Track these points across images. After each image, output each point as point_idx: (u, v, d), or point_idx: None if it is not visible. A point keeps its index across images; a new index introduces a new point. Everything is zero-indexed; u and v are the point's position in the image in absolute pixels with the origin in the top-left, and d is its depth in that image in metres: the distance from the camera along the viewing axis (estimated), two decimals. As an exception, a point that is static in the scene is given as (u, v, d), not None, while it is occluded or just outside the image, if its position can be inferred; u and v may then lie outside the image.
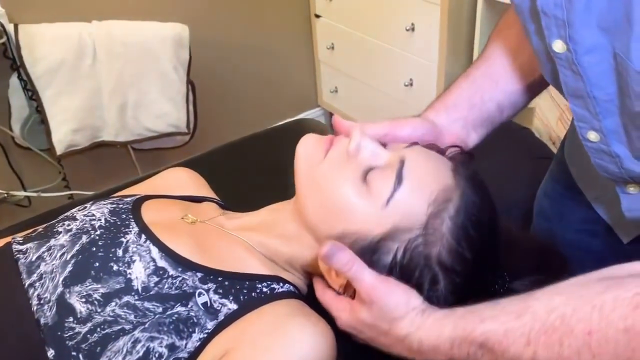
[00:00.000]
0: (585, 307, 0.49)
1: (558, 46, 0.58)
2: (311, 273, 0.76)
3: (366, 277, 0.63)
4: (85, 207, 0.78)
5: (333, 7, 2.18)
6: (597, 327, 0.47)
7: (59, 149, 1.70)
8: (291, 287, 0.74)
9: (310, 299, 0.75)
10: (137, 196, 0.82)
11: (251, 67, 2.25)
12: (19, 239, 0.75)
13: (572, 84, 0.60)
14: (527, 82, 0.78)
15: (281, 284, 0.73)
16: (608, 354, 0.46)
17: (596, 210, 0.85)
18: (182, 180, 0.93)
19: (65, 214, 0.78)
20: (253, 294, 0.70)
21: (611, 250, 0.83)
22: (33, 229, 0.78)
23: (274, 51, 2.29)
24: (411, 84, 1.98)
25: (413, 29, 1.87)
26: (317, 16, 2.27)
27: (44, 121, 1.67)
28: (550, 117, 1.62)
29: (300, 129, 1.43)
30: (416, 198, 0.65)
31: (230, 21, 2.10)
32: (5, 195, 1.83)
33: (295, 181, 0.73)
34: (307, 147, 0.72)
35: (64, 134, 1.68)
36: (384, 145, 0.71)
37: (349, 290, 0.68)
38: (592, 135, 0.63)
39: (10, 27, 1.57)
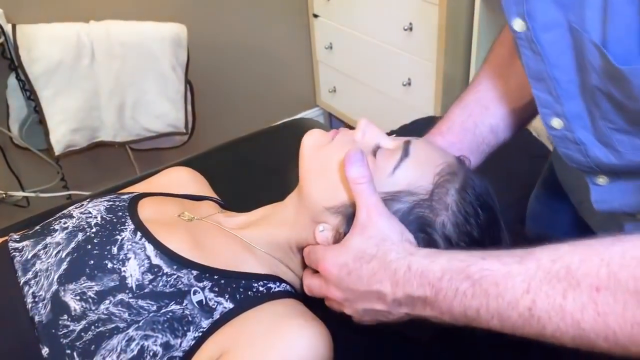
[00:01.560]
0: (593, 259, 0.45)
1: (517, 25, 0.58)
2: None
3: (374, 196, 0.63)
4: (83, 204, 0.78)
5: (331, 6, 2.18)
6: (606, 284, 0.44)
7: (57, 149, 1.70)
8: (288, 286, 0.74)
9: (307, 299, 0.75)
10: (134, 193, 0.81)
11: (249, 67, 2.25)
12: (15, 237, 0.75)
13: (534, 65, 0.59)
14: (519, 104, 0.78)
15: (278, 283, 0.73)
16: (614, 314, 0.43)
17: (580, 215, 0.84)
18: (183, 179, 0.93)
19: (62, 212, 0.78)
20: (249, 292, 0.70)
21: None
22: (30, 228, 0.78)
23: (272, 51, 2.29)
24: (409, 84, 1.98)
25: (411, 29, 1.87)
26: (315, 16, 2.27)
27: (42, 121, 1.67)
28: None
29: (299, 128, 1.43)
30: (422, 169, 0.67)
31: (228, 21, 2.10)
32: (4, 195, 1.83)
33: (299, 167, 0.73)
34: (314, 135, 0.74)
35: (62, 134, 1.68)
36: None
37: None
38: (556, 122, 0.63)
39: (8, 28, 1.57)
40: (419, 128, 1.47)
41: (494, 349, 0.72)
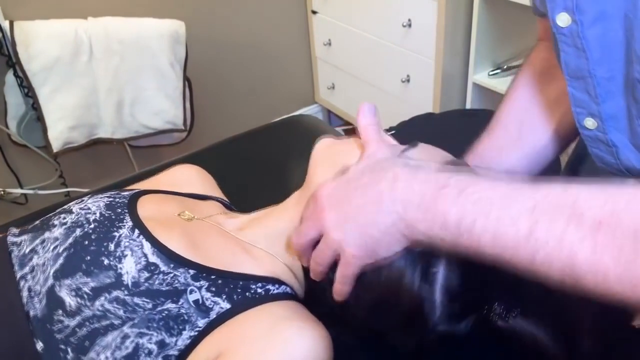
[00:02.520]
0: (600, 196, 0.44)
1: (562, 19, 0.57)
2: None
3: (380, 138, 0.66)
4: (83, 200, 0.78)
5: (330, 3, 2.17)
6: (608, 220, 0.43)
7: (56, 146, 1.69)
8: (287, 288, 0.73)
9: (307, 302, 0.74)
10: (135, 190, 0.81)
11: (248, 64, 2.24)
12: (14, 231, 0.75)
13: (574, 62, 0.58)
14: (534, 149, 0.77)
15: (277, 285, 0.72)
16: (610, 252, 0.42)
17: None
18: (190, 177, 0.92)
19: (62, 207, 0.78)
20: (247, 294, 0.69)
21: None
22: (30, 223, 0.78)
23: (271, 48, 2.29)
24: (408, 80, 1.98)
25: (410, 25, 1.86)
26: (314, 12, 2.26)
27: (40, 118, 1.66)
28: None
29: (298, 125, 1.43)
30: (430, 157, 0.67)
31: (226, 18, 2.10)
32: (2, 192, 1.83)
33: (309, 167, 0.74)
34: (326, 139, 0.75)
35: (60, 131, 1.68)
36: None
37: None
38: (589, 122, 0.62)
39: (5, 24, 1.56)
40: (417, 125, 1.47)
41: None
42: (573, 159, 0.95)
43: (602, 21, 0.54)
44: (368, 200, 0.56)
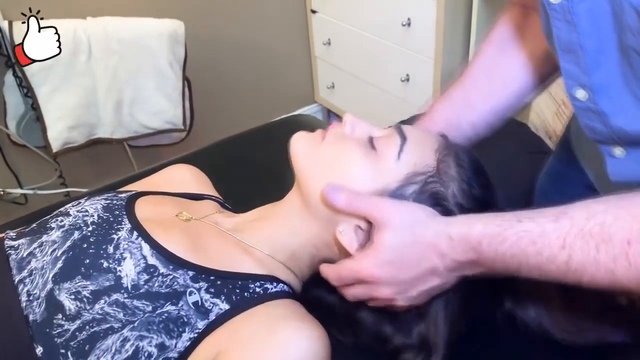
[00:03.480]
0: (625, 217, 0.50)
1: None
2: (323, 259, 0.76)
3: (372, 199, 0.66)
4: (80, 202, 0.77)
5: (329, 2, 2.17)
6: (637, 237, 0.48)
7: (55, 146, 1.69)
8: (285, 286, 0.74)
9: (304, 298, 0.75)
10: (132, 192, 0.81)
11: (247, 64, 2.24)
12: (12, 234, 0.74)
13: (565, 36, 0.61)
14: (500, 105, 0.84)
15: (274, 284, 0.72)
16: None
17: (598, 189, 0.86)
18: (184, 177, 0.92)
19: (59, 210, 0.77)
20: (246, 294, 0.70)
21: None
22: (27, 225, 0.78)
23: (270, 47, 2.28)
24: (408, 80, 1.97)
25: (409, 24, 1.86)
26: (313, 11, 2.26)
27: (39, 118, 1.66)
28: (546, 112, 1.61)
29: (297, 124, 1.43)
30: (422, 148, 0.71)
31: (226, 17, 2.10)
32: (2, 192, 1.83)
33: (296, 172, 0.74)
34: (302, 137, 0.75)
35: (59, 131, 1.68)
36: None
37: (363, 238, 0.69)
38: (580, 94, 0.65)
39: (4, 24, 1.56)
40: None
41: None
42: (563, 139, 0.98)
43: None
44: (426, 273, 0.63)
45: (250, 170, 1.25)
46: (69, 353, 0.61)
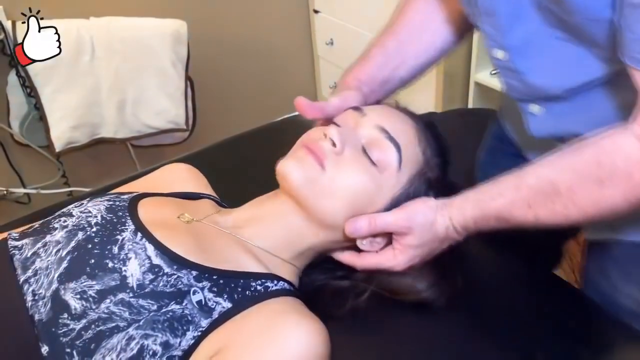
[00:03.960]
0: (567, 171, 0.65)
1: None
2: (324, 253, 0.81)
3: (389, 218, 0.74)
4: (82, 203, 0.78)
5: (332, 2, 2.17)
6: (578, 185, 0.63)
7: (58, 146, 1.70)
8: (285, 284, 0.75)
9: (303, 293, 0.77)
10: (134, 194, 0.82)
11: (250, 63, 2.24)
12: (14, 234, 0.75)
13: (485, 2, 0.71)
14: (429, 62, 0.93)
15: (275, 282, 0.74)
16: (585, 201, 0.63)
17: (523, 152, 0.96)
18: (181, 176, 0.93)
19: (62, 210, 0.78)
20: (247, 292, 0.71)
21: None
22: (29, 225, 0.78)
23: (273, 47, 2.29)
24: (410, 80, 1.98)
25: (412, 25, 1.86)
26: (316, 11, 2.27)
27: (42, 118, 1.67)
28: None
29: (299, 125, 1.43)
30: (413, 148, 0.78)
31: (228, 17, 2.10)
32: (5, 192, 1.84)
33: (297, 199, 0.75)
34: (295, 166, 0.75)
35: (62, 130, 1.69)
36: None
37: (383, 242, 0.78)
38: (499, 54, 0.75)
39: (8, 24, 1.57)
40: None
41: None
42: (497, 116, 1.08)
43: None
44: (435, 253, 0.77)
45: (252, 170, 1.25)
46: (74, 352, 0.62)
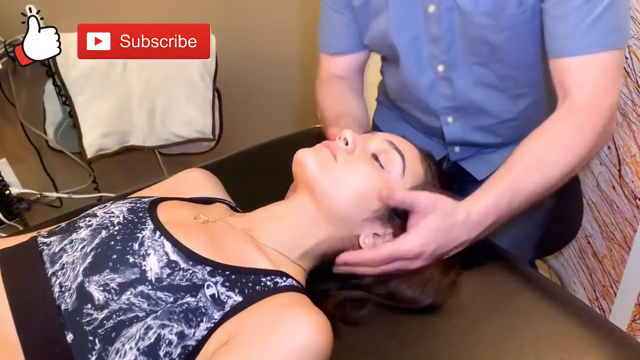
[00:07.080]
0: (532, 168, 0.85)
1: (431, 9, 0.98)
2: (331, 254, 0.85)
3: (422, 194, 0.82)
4: (106, 205, 0.84)
5: (357, 17, 2.19)
6: (545, 165, 0.84)
7: (89, 152, 1.75)
8: (294, 281, 0.79)
9: (310, 292, 0.80)
10: (153, 198, 0.87)
11: (276, 75, 2.27)
12: (44, 232, 0.80)
13: (436, 31, 1.00)
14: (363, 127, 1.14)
15: (284, 278, 0.78)
16: (557, 165, 0.85)
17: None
18: (196, 181, 0.98)
19: (87, 212, 0.84)
20: (257, 287, 0.75)
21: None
22: (57, 225, 0.84)
23: (297, 61, 2.32)
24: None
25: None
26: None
27: (75, 125, 1.72)
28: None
29: (321, 136, 1.46)
30: (415, 163, 0.89)
31: (256, 31, 2.14)
32: (39, 196, 1.89)
33: (309, 184, 0.82)
34: (310, 153, 0.84)
35: (94, 137, 1.73)
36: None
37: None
38: (441, 67, 1.04)
39: (46, 36, 1.63)
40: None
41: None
42: None
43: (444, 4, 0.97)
44: (454, 248, 0.83)
45: (273, 178, 1.28)
46: (96, 340, 0.66)
